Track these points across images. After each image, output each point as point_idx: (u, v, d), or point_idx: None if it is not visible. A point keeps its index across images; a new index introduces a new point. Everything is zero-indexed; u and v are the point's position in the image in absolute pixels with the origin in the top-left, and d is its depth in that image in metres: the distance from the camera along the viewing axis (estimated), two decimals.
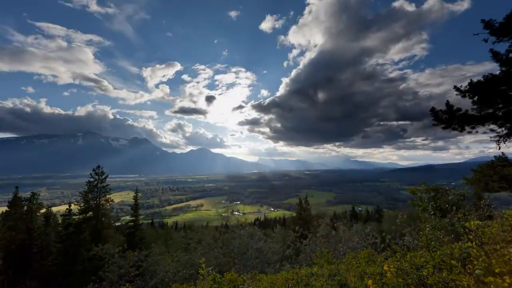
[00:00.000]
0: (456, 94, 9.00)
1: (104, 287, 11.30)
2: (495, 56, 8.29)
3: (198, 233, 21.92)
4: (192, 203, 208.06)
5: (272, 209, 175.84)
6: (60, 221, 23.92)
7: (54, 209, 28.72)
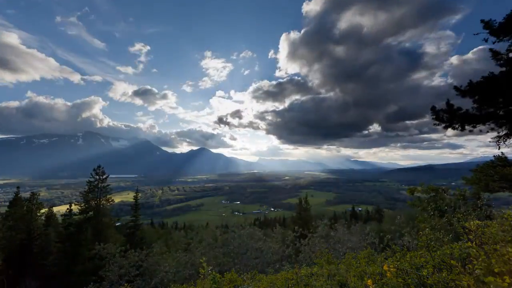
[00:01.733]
0: (456, 94, 9.00)
1: (104, 287, 11.31)
2: (495, 56, 8.30)
3: (198, 233, 21.95)
4: (192, 203, 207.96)
5: (272, 209, 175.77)
6: (60, 221, 23.92)
7: (54, 209, 28.75)
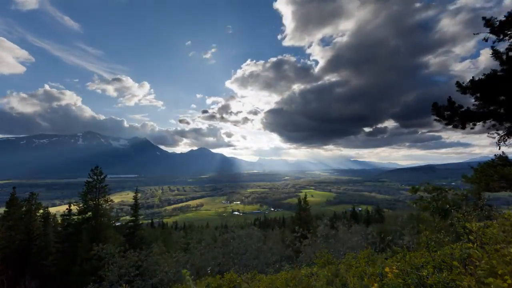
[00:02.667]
0: (457, 91, 8.94)
1: (104, 287, 11.28)
2: (496, 54, 8.24)
3: (198, 233, 21.95)
4: (192, 203, 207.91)
5: (272, 209, 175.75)
6: (59, 221, 23.89)
7: (54, 209, 28.78)
